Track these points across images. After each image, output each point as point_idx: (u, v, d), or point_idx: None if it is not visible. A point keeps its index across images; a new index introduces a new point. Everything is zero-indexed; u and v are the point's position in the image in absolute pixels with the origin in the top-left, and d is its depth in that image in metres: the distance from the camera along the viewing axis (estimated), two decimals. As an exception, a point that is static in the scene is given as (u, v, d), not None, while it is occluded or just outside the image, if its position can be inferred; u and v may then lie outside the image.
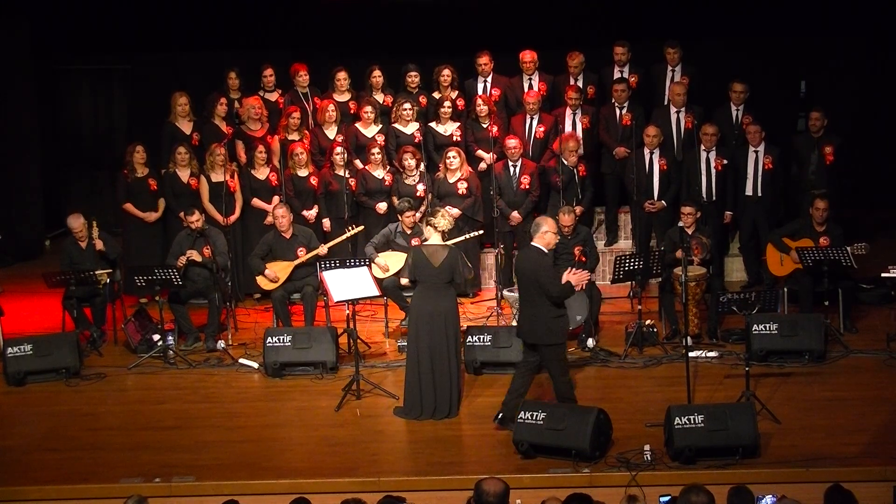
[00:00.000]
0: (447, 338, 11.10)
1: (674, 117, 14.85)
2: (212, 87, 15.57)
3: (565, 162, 14.27)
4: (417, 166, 14.40)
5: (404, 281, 11.66)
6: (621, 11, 16.51)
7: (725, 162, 14.25)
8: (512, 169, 14.43)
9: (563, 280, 10.51)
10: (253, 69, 15.64)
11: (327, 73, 15.51)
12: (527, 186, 14.41)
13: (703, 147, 14.23)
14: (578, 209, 13.91)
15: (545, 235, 10.56)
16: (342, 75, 15.29)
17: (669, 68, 15.29)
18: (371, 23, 16.87)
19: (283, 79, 15.56)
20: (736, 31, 16.78)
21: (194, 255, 13.38)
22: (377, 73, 15.30)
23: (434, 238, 11.27)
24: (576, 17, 16.59)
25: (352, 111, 15.25)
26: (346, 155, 14.44)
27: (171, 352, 12.92)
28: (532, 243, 10.59)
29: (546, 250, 10.57)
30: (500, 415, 10.82)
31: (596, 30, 16.34)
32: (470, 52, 15.47)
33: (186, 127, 15.18)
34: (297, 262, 13.42)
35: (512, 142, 14.39)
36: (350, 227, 13.86)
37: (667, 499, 8.60)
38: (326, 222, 14.57)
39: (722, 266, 14.41)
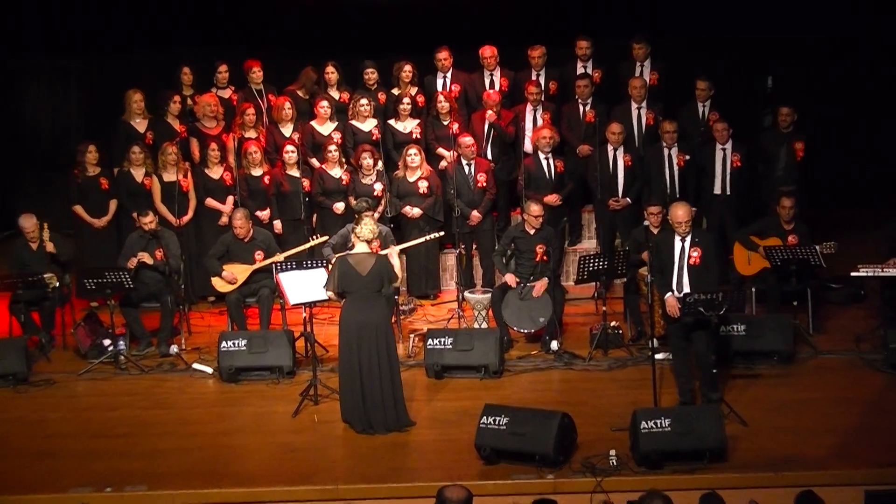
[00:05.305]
0: (378, 352, 10.84)
1: (635, 113, 14.72)
2: (168, 86, 15.36)
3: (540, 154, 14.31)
4: (375, 165, 14.21)
5: (330, 294, 11.21)
6: (585, 7, 16.41)
7: (688, 158, 14.13)
8: (467, 168, 14.27)
9: None
10: (209, 67, 15.46)
11: (282, 70, 15.37)
12: (483, 184, 14.27)
13: (664, 144, 14.09)
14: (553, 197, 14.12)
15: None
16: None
17: (638, 64, 15.16)
18: (329, 19, 16.75)
19: (236, 76, 15.36)
20: (701, 29, 16.72)
21: (145, 258, 13.19)
22: (330, 69, 15.09)
23: (360, 247, 11.05)
24: (539, 13, 16.54)
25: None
26: (298, 154, 14.20)
27: (123, 357, 12.76)
28: None
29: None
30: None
31: (559, 26, 16.20)
32: (429, 47, 15.31)
33: (141, 125, 14.95)
34: (255, 266, 13.24)
35: (467, 139, 14.23)
36: (314, 237, 13.60)
37: (634, 505, 8.45)
38: (277, 224, 14.31)
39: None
